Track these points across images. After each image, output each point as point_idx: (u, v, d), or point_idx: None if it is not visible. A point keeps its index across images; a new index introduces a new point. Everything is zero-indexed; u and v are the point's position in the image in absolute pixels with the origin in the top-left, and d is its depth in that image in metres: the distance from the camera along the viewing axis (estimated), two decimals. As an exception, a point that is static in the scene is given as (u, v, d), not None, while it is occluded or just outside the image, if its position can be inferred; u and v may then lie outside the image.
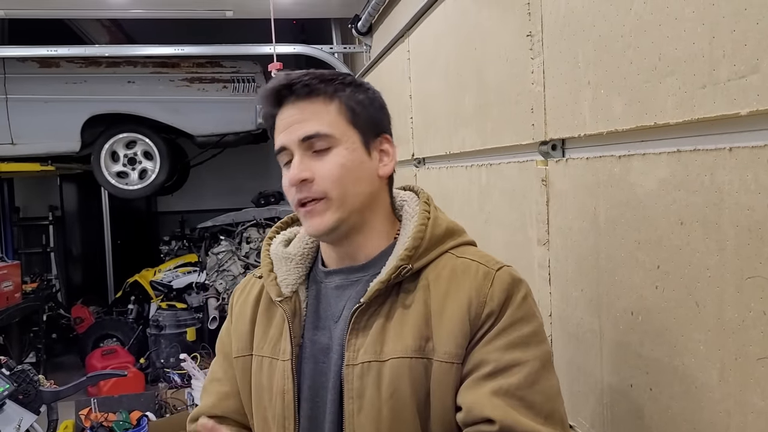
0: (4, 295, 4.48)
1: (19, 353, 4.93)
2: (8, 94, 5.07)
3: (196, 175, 6.96)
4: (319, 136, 0.99)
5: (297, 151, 1.00)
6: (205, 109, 5.25)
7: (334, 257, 1.08)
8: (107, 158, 5.25)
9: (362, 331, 1.00)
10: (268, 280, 1.09)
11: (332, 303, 1.06)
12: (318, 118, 1.00)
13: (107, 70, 5.15)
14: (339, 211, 1.00)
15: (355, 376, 0.98)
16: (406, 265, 1.00)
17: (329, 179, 0.99)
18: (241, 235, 4.92)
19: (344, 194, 1.00)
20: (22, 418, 1.70)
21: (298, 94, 1.00)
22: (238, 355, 1.11)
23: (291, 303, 1.06)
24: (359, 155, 1.02)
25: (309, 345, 1.05)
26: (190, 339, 5.20)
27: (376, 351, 0.98)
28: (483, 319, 0.97)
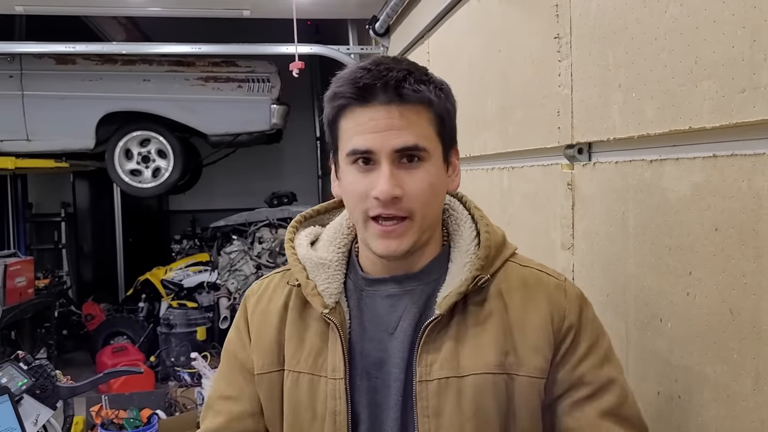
0: (17, 290, 4.50)
1: (31, 349, 4.94)
2: (24, 90, 5.09)
3: (209, 174, 6.97)
4: (418, 149, 0.90)
5: (386, 160, 0.89)
6: (219, 109, 5.26)
7: (381, 265, 0.98)
8: (121, 156, 5.26)
9: (433, 344, 0.93)
10: (309, 289, 0.98)
11: (383, 313, 0.97)
12: (417, 127, 0.90)
13: (123, 68, 5.16)
14: (418, 233, 0.93)
15: (431, 393, 0.92)
16: (483, 276, 0.94)
17: (418, 199, 0.90)
18: (253, 235, 4.93)
19: (428, 214, 0.93)
20: (39, 413, 1.70)
21: (401, 95, 0.88)
22: (264, 371, 1.00)
23: (337, 314, 0.97)
24: (441, 170, 0.95)
25: (360, 359, 0.96)
26: (200, 338, 5.20)
27: (453, 366, 0.92)
28: (564, 332, 0.95)
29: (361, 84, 0.88)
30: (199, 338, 5.20)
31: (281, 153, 7.63)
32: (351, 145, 0.91)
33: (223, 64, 5.25)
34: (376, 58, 0.94)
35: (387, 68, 0.89)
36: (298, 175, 7.62)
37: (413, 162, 0.90)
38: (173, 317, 5.25)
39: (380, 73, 0.88)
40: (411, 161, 0.90)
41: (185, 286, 5.79)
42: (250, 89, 5.25)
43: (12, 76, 5.07)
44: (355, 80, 0.89)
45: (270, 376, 1.00)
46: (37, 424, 1.70)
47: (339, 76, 0.93)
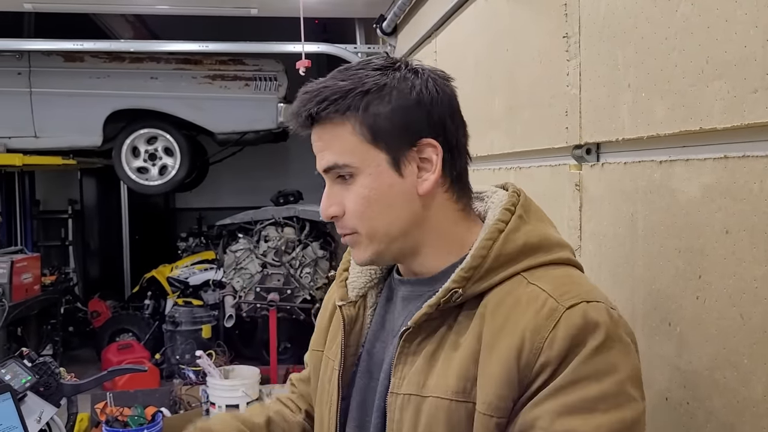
0: (23, 287, 4.51)
1: (37, 345, 4.96)
2: (33, 87, 5.11)
3: (216, 172, 6.98)
4: (338, 167, 0.89)
5: (327, 180, 0.92)
6: (226, 107, 5.26)
7: (402, 267, 0.98)
8: (128, 153, 5.27)
9: (411, 357, 0.88)
10: (339, 279, 1.02)
11: (396, 314, 0.96)
12: (334, 146, 0.88)
13: (131, 65, 5.17)
14: (373, 245, 0.91)
15: (397, 407, 0.88)
16: (458, 289, 0.84)
17: (354, 215, 0.90)
18: (259, 234, 4.92)
19: (373, 228, 0.90)
20: (43, 410, 1.69)
21: (315, 118, 0.88)
22: (314, 348, 1.07)
23: (354, 308, 0.98)
24: (386, 179, 0.88)
25: (366, 357, 0.97)
26: (205, 336, 5.20)
27: (419, 383, 0.86)
28: (536, 370, 0.78)
29: (293, 113, 0.91)
30: (204, 336, 5.20)
31: (288, 152, 7.63)
32: None
33: (230, 62, 5.25)
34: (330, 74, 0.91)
35: (305, 93, 0.89)
36: (304, 174, 7.54)
37: (346, 179, 0.90)
38: (179, 315, 5.26)
39: (301, 101, 0.89)
40: (345, 178, 0.89)
41: (191, 283, 5.80)
42: (258, 87, 5.25)
43: (20, 73, 5.09)
44: (292, 109, 0.91)
45: (316, 355, 1.06)
46: (40, 421, 1.69)
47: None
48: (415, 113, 0.88)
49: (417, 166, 0.89)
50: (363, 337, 0.98)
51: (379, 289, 1.01)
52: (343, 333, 0.97)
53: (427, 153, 0.89)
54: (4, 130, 5.10)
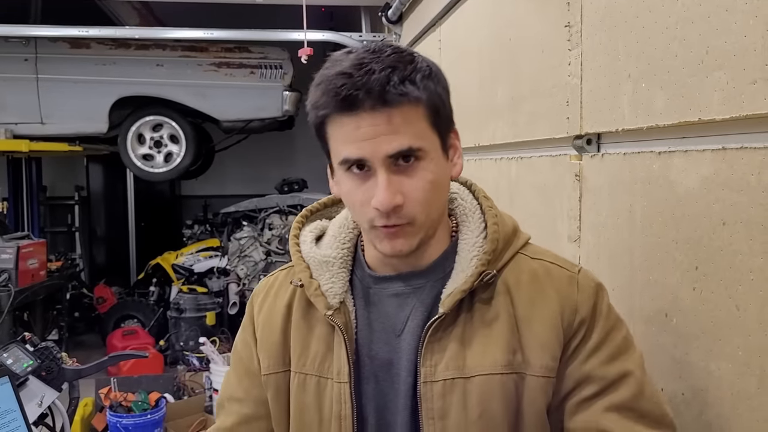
0: (29, 272, 4.54)
1: (42, 330, 5.00)
2: (39, 74, 5.12)
3: (221, 160, 6.99)
4: (412, 151, 0.84)
5: (381, 167, 0.84)
6: (231, 95, 5.26)
7: (388, 263, 0.94)
8: (134, 140, 5.28)
9: (438, 344, 0.89)
10: (312, 289, 0.95)
11: (390, 312, 0.94)
12: (408, 128, 0.83)
13: (137, 52, 5.17)
14: (420, 233, 0.89)
15: (436, 395, 0.88)
16: (490, 271, 0.90)
17: (419, 203, 0.86)
18: (263, 222, 4.93)
19: (430, 215, 0.89)
20: (44, 394, 1.71)
21: (386, 100, 0.82)
22: (270, 372, 0.98)
23: (342, 315, 0.93)
24: (442, 162, 0.89)
25: (367, 362, 0.93)
26: (209, 323, 5.22)
27: (458, 366, 0.88)
28: (576, 328, 0.90)
29: (342, 95, 0.82)
30: (208, 323, 5.22)
31: (293, 140, 7.62)
32: (342, 154, 0.86)
33: (235, 50, 5.24)
34: (357, 57, 0.85)
35: (367, 71, 0.82)
36: (309, 163, 7.59)
37: (410, 162, 0.85)
38: (183, 302, 5.28)
39: (361, 79, 0.81)
40: (407, 161, 0.85)
41: (195, 271, 5.82)
42: (263, 75, 5.24)
43: (27, 60, 5.10)
44: (336, 91, 0.83)
45: (276, 377, 0.98)
46: (41, 405, 1.71)
47: (320, 78, 0.86)
48: (449, 101, 0.91)
49: (451, 151, 0.92)
50: (354, 344, 0.93)
51: (350, 292, 0.97)
52: (345, 343, 0.91)
53: (454, 140, 0.93)
54: (10, 116, 5.12)
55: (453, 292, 0.89)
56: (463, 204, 0.97)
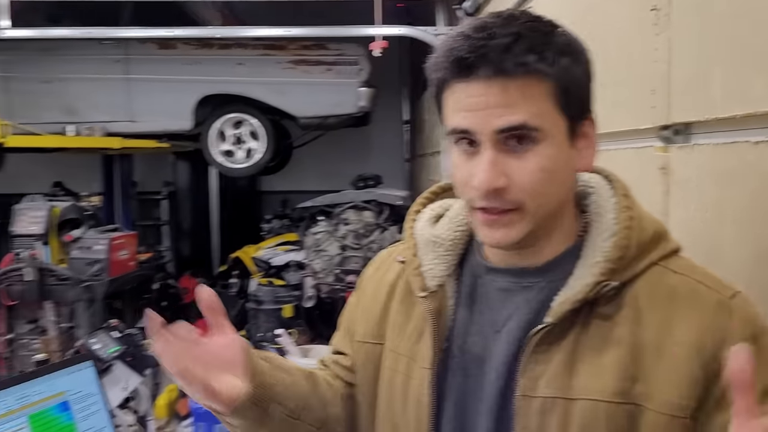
0: (120, 263, 4.77)
1: (133, 318, 5.24)
2: (130, 74, 5.37)
3: (299, 156, 7.11)
4: (527, 129, 0.76)
5: (488, 143, 0.77)
6: (308, 92, 5.34)
7: (500, 254, 0.87)
8: (216, 137, 5.45)
9: (542, 356, 0.80)
10: (411, 268, 0.91)
11: (494, 307, 0.87)
12: (526, 104, 0.76)
13: (219, 52, 5.33)
14: (529, 224, 0.80)
15: (534, 412, 0.79)
16: (608, 281, 0.78)
17: (527, 188, 0.78)
18: (338, 217, 4.98)
19: (541, 204, 0.80)
20: (128, 378, 1.78)
21: (503, 69, 0.75)
22: (365, 340, 0.97)
23: (436, 299, 0.88)
24: (563, 150, 0.80)
25: (457, 353, 0.87)
26: (286, 315, 5.33)
27: (562, 385, 0.79)
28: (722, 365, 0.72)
29: (455, 57, 0.76)
30: (285, 315, 5.33)
31: (369, 136, 7.67)
32: (452, 124, 0.80)
33: (313, 47, 5.32)
34: (485, 18, 0.78)
35: (489, 35, 0.75)
36: (384, 159, 7.62)
37: (523, 144, 0.77)
38: (262, 294, 5.41)
39: (479, 42, 0.75)
40: (521, 142, 0.77)
41: (274, 264, 5.94)
42: (339, 72, 5.29)
43: (119, 61, 5.36)
44: (451, 51, 0.77)
45: (368, 347, 0.96)
46: (126, 389, 1.79)
47: (444, 39, 0.82)
48: (590, 83, 0.82)
49: (581, 141, 0.82)
50: (447, 332, 0.88)
51: (455, 277, 0.91)
52: (433, 329, 0.87)
53: (588, 128, 0.83)
54: (104, 115, 5.39)
55: (564, 300, 0.80)
56: (599, 201, 0.86)
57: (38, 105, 5.30)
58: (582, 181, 0.89)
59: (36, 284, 4.30)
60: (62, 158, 6.92)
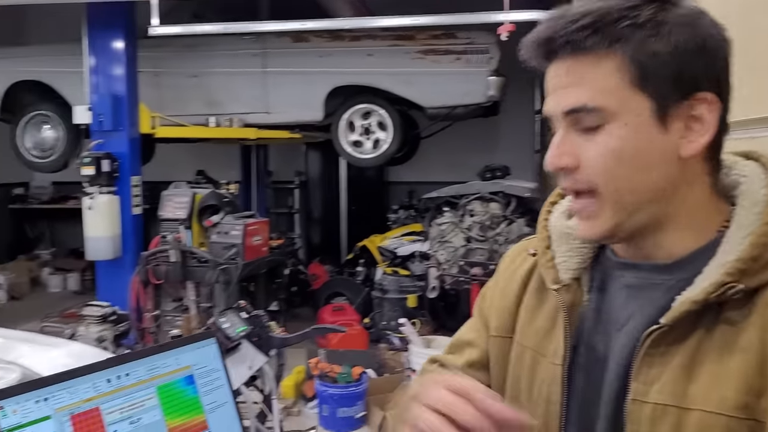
0: (254, 248, 5.02)
1: (265, 301, 5.52)
2: (266, 67, 5.62)
3: (426, 147, 7.12)
4: (586, 110, 0.74)
5: (561, 124, 0.77)
6: (437, 81, 5.32)
7: (631, 247, 0.82)
8: (345, 128, 5.58)
9: (659, 359, 0.74)
10: (544, 260, 0.88)
11: (618, 304, 0.82)
12: (587, 83, 0.74)
13: (350, 43, 5.45)
14: (616, 215, 0.76)
15: (645, 418, 0.74)
16: (735, 284, 0.70)
17: (597, 169, 0.75)
18: (464, 208, 4.92)
19: (619, 190, 0.75)
20: (254, 358, 1.85)
21: (573, 45, 0.74)
22: (496, 334, 0.95)
23: (570, 293, 0.85)
24: (646, 132, 0.74)
25: (584, 351, 0.83)
26: (410, 305, 5.37)
27: (677, 392, 0.72)
28: None
29: (535, 40, 0.77)
30: (409, 305, 5.37)
31: (497, 126, 7.52)
32: None
33: (442, 36, 5.29)
34: (561, 8, 0.76)
35: (563, 14, 0.74)
36: (513, 150, 7.45)
37: (591, 126, 0.75)
38: (387, 283, 5.49)
39: (553, 23, 0.75)
40: (590, 123, 0.75)
41: (399, 254, 6.01)
42: (469, 61, 5.22)
43: (256, 55, 5.63)
44: (534, 35, 0.77)
45: (500, 341, 0.95)
46: (251, 368, 1.86)
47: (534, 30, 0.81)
48: (696, 60, 0.73)
49: (684, 123, 0.75)
50: (577, 327, 0.84)
51: (590, 271, 0.86)
52: (566, 323, 0.83)
53: (699, 110, 0.74)
54: (242, 106, 5.70)
55: (684, 301, 0.73)
56: (747, 192, 0.77)
57: (184, 98, 5.70)
58: (734, 168, 0.80)
59: (179, 265, 4.64)
60: (205, 148, 7.41)
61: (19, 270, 7.89)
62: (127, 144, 5.20)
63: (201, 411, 1.09)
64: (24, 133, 5.84)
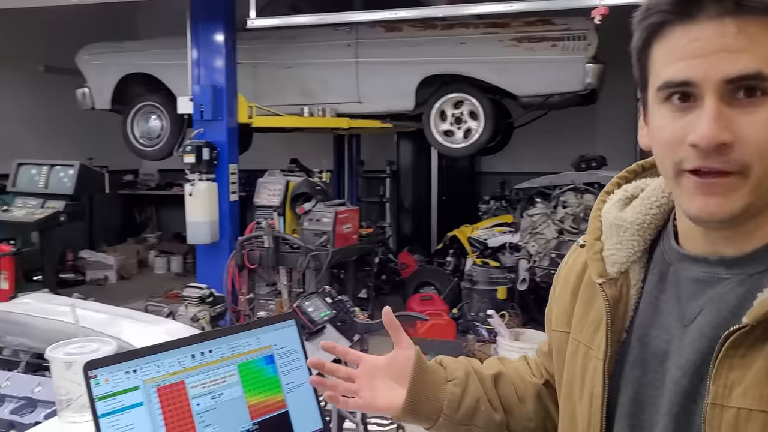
0: (344, 235, 5.11)
1: (354, 288, 5.61)
2: (359, 57, 5.68)
3: (520, 136, 6.97)
4: (762, 79, 0.65)
5: (712, 94, 0.67)
6: (531, 69, 5.18)
7: (701, 238, 0.76)
8: (436, 117, 5.55)
9: (741, 360, 0.69)
10: (591, 252, 0.85)
11: (684, 298, 0.77)
12: (757, 48, 0.65)
13: (442, 32, 5.40)
14: (753, 194, 0.68)
15: (726, 424, 0.69)
16: None
17: (758, 147, 0.66)
18: (557, 199, 4.78)
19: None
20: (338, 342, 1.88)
21: (742, 3, 0.65)
22: (557, 329, 0.94)
23: (616, 287, 0.82)
24: None
25: (637, 345, 0.80)
26: (500, 297, 5.30)
27: (763, 396, 0.67)
28: None
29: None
30: (499, 297, 5.30)
31: (595, 115, 7.24)
32: (664, 76, 0.70)
33: (537, 23, 5.14)
34: None
35: None
36: (611, 139, 7.15)
37: (754, 97, 0.66)
38: (476, 274, 5.44)
39: None
40: (751, 96, 0.66)
41: (489, 245, 5.94)
42: (565, 48, 5.05)
43: (350, 45, 5.70)
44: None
45: (559, 335, 0.93)
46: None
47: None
48: None
49: None
50: (627, 321, 0.81)
51: (642, 263, 0.83)
52: (608, 317, 0.81)
53: None
54: (334, 96, 5.79)
55: (765, 299, 0.68)
56: None
57: (280, 89, 5.86)
58: None
59: (272, 251, 4.79)
60: (299, 138, 7.60)
61: (128, 252, 8.43)
62: (225, 133, 5.41)
63: (280, 390, 1.12)
64: (133, 122, 6.20)
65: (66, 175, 4.92)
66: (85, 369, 0.94)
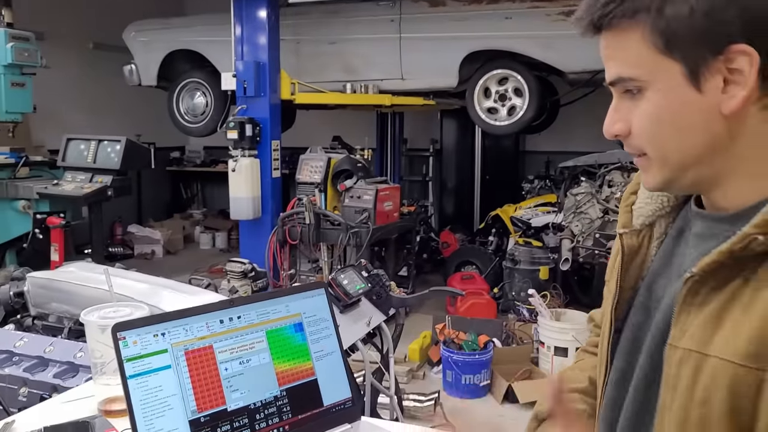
0: (384, 213, 5.09)
1: (395, 265, 5.61)
2: (402, 33, 5.61)
3: (567, 114, 6.80)
4: (623, 80, 0.78)
5: (614, 93, 0.81)
6: (579, 45, 5.00)
7: (704, 198, 0.84)
8: (480, 94, 5.45)
9: (696, 307, 0.76)
10: (624, 204, 0.94)
11: (686, 252, 0.84)
12: (619, 55, 0.77)
13: (488, 6, 5.29)
14: (664, 171, 0.79)
15: (674, 362, 0.77)
16: (758, 235, 0.71)
17: (641, 136, 0.79)
18: (603, 178, 4.66)
19: (663, 152, 0.78)
20: (372, 316, 1.87)
21: (601, 22, 0.78)
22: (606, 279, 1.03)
23: (637, 238, 0.90)
24: (680, 95, 0.75)
25: (644, 292, 0.88)
26: (542, 277, 5.22)
27: (702, 340, 0.74)
28: None
29: (576, 20, 0.81)
30: (541, 277, 5.22)
31: (646, 92, 7.00)
32: None
33: (587, -5, 4.97)
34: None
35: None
36: (662, 117, 6.93)
37: (633, 94, 0.78)
38: (518, 254, 5.37)
39: (586, 4, 0.79)
40: (632, 93, 0.78)
41: (532, 225, 5.84)
42: (616, 21, 4.87)
43: (393, 20, 5.63)
44: (574, 16, 0.81)
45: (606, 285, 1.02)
46: (369, 325, 1.89)
47: None
48: (725, 12, 0.71)
49: (723, 78, 0.73)
50: (644, 271, 0.89)
51: (670, 218, 0.90)
52: (621, 263, 0.90)
53: (739, 62, 0.72)
54: (377, 73, 5.75)
55: (715, 251, 0.74)
56: None
57: (322, 65, 5.85)
58: None
59: (313, 227, 4.81)
60: (341, 115, 7.58)
61: (175, 227, 8.62)
62: (268, 109, 5.44)
63: (309, 358, 1.11)
64: (178, 99, 6.29)
65: (113, 150, 5.02)
66: (114, 330, 0.95)
